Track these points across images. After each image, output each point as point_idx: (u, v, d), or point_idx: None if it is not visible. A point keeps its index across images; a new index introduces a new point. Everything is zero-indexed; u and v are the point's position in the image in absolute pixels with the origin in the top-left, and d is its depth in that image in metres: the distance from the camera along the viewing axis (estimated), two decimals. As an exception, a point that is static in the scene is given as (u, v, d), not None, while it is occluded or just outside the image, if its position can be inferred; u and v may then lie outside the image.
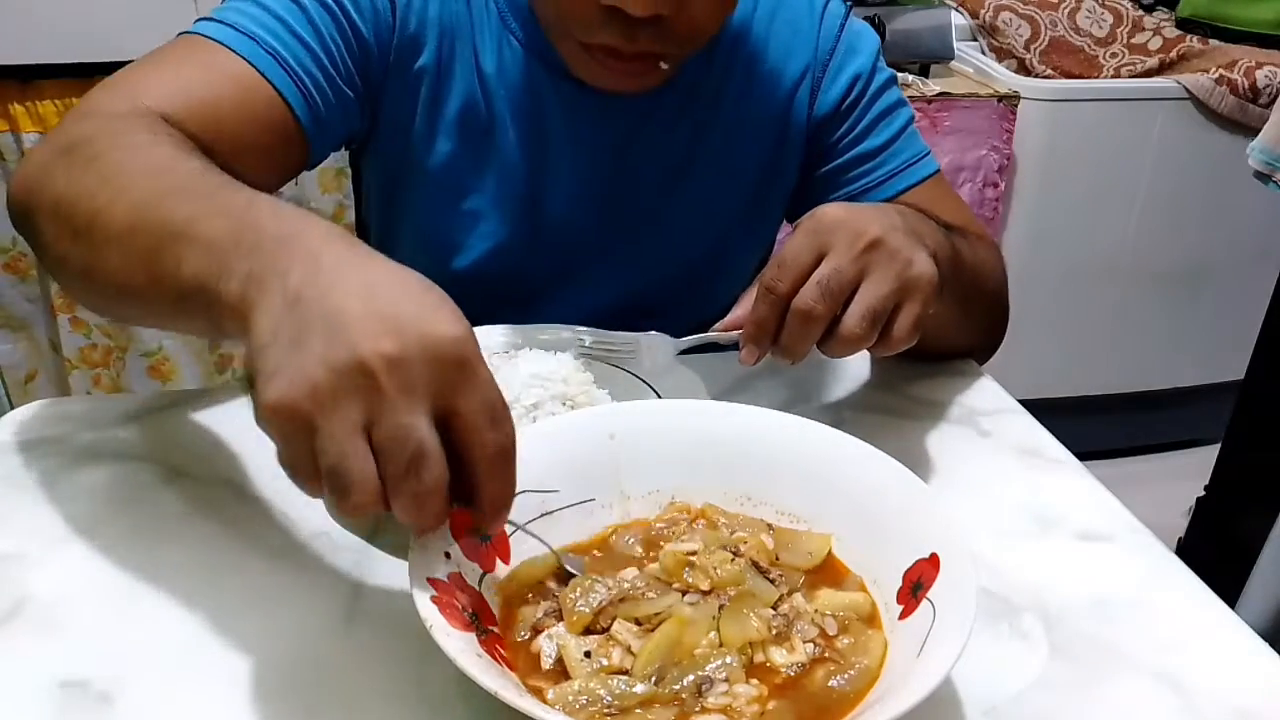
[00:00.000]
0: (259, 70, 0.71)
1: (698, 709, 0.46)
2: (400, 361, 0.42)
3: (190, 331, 0.54)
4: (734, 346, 0.65)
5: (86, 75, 1.58)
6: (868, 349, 0.61)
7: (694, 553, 0.55)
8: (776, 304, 0.61)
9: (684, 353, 0.72)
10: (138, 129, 0.62)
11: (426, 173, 0.84)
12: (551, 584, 0.55)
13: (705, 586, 0.53)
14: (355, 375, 0.41)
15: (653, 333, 0.70)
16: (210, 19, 0.73)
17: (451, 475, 0.44)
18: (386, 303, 0.43)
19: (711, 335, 0.67)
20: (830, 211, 0.62)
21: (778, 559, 0.56)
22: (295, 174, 0.79)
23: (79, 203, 0.56)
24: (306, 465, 0.43)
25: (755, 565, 0.54)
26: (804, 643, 0.50)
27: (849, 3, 0.90)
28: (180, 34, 0.74)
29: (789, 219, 0.96)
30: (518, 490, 0.56)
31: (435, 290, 0.45)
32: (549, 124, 0.84)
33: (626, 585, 0.53)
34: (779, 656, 0.50)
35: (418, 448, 0.42)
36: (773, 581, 0.53)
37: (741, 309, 0.64)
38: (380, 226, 0.94)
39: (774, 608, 0.52)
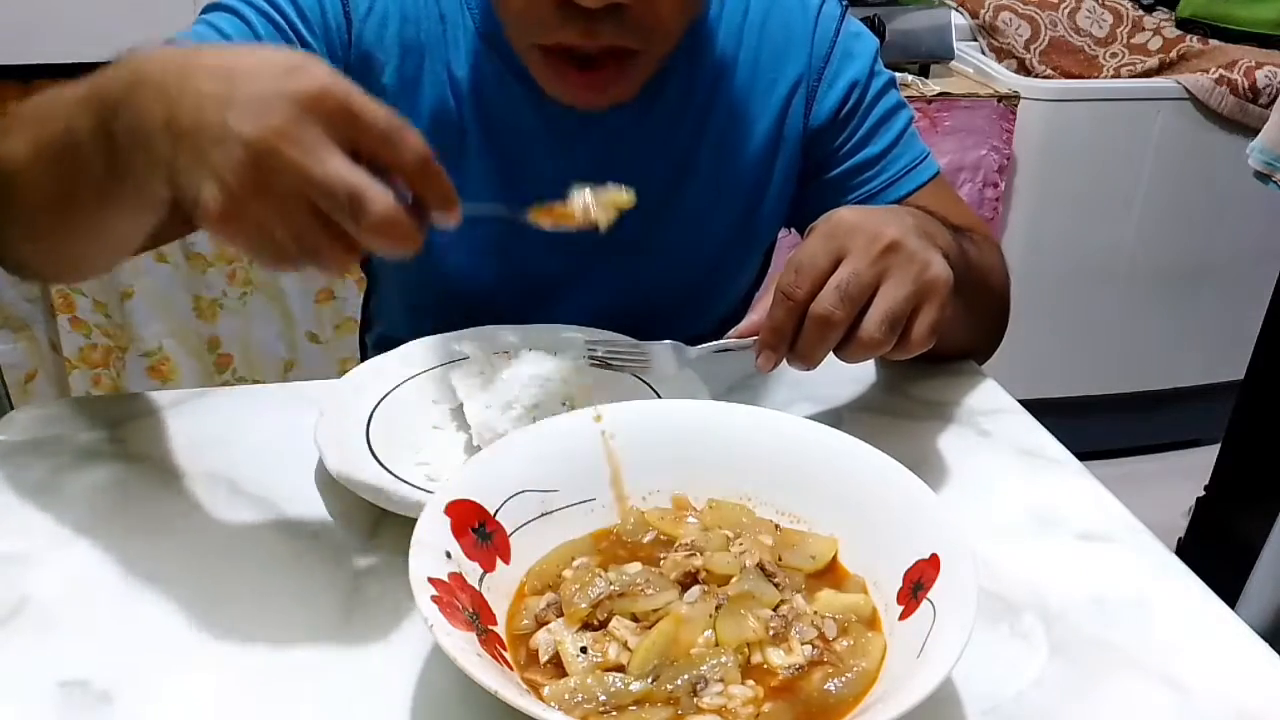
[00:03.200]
0: None
1: (693, 709, 0.47)
2: (285, 131, 0.44)
3: (140, 205, 0.55)
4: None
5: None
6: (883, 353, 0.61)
7: (695, 552, 0.55)
8: (794, 309, 0.60)
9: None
10: None
11: None
12: (567, 573, 0.55)
13: (698, 563, 0.54)
14: (258, 161, 0.44)
15: (666, 342, 0.70)
16: (167, 42, 0.74)
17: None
18: (248, 85, 0.45)
19: (725, 343, 0.65)
20: (845, 215, 0.62)
21: (780, 560, 0.56)
22: None
23: None
24: (278, 254, 0.47)
25: (761, 567, 0.54)
26: (802, 644, 0.50)
27: (845, 2, 0.88)
28: None
29: (790, 226, 0.95)
30: (517, 490, 0.56)
31: (280, 50, 0.49)
32: (527, 142, 0.82)
33: (626, 579, 0.53)
34: (776, 657, 0.50)
35: (350, 188, 0.45)
36: (777, 585, 0.53)
37: (756, 314, 0.63)
38: None
39: (774, 609, 0.52)
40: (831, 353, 0.61)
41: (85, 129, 0.52)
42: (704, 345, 0.68)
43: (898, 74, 1.89)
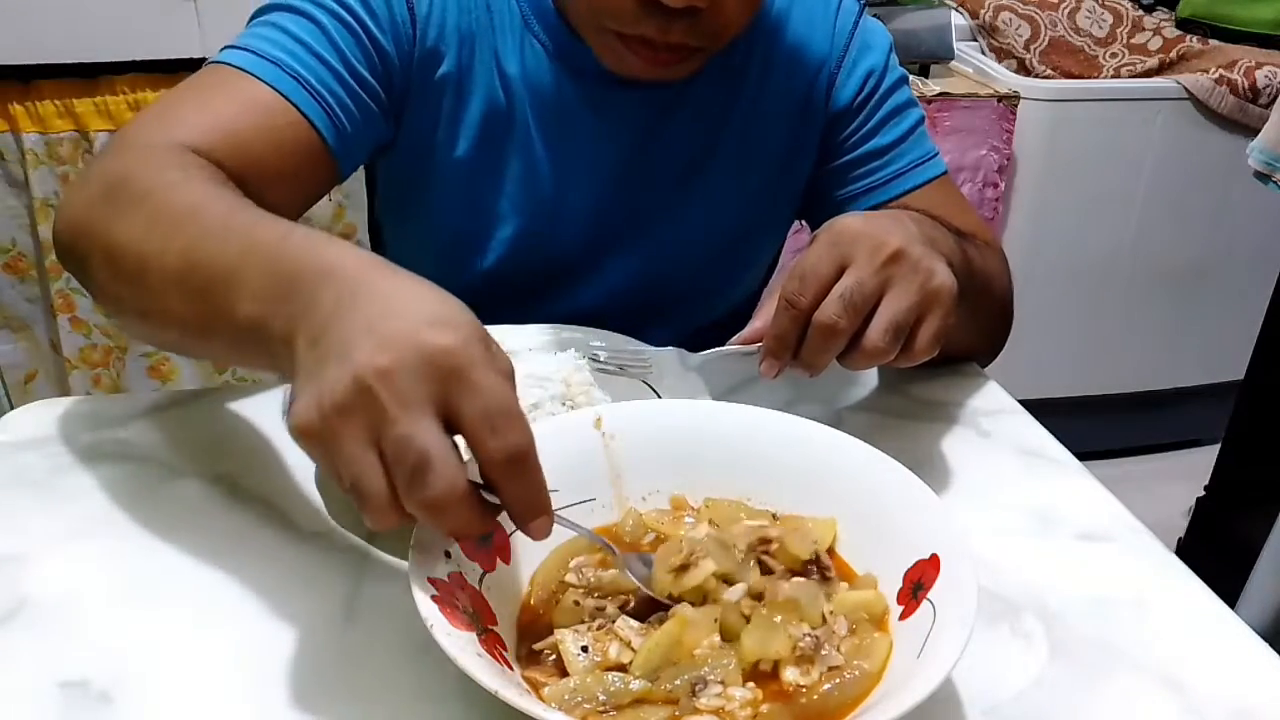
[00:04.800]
0: (284, 95, 0.72)
1: (691, 709, 0.46)
2: (391, 373, 0.43)
3: (254, 366, 0.56)
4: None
5: (86, 75, 1.58)
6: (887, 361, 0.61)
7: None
8: (798, 318, 0.60)
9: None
10: (171, 165, 0.63)
11: (447, 176, 0.85)
12: (570, 577, 0.55)
13: (699, 580, 0.53)
14: (355, 393, 0.43)
15: (669, 348, 0.70)
16: (235, 47, 0.74)
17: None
18: (390, 321, 0.45)
19: (729, 349, 0.66)
20: (849, 223, 0.62)
21: (779, 546, 0.55)
22: (325, 192, 0.80)
23: (128, 249, 0.58)
24: (338, 480, 0.45)
25: (760, 562, 0.54)
26: (821, 669, 0.49)
27: (863, 1, 0.90)
28: (209, 62, 0.75)
29: (800, 218, 0.97)
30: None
31: (443, 301, 0.47)
32: (572, 124, 0.84)
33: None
34: (791, 674, 0.49)
35: (419, 458, 0.43)
36: (828, 578, 0.53)
37: (760, 321, 0.64)
38: (396, 228, 0.94)
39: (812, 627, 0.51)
40: (835, 360, 0.61)
41: (250, 295, 0.51)
42: (707, 351, 0.68)
43: (898, 74, 1.89)
